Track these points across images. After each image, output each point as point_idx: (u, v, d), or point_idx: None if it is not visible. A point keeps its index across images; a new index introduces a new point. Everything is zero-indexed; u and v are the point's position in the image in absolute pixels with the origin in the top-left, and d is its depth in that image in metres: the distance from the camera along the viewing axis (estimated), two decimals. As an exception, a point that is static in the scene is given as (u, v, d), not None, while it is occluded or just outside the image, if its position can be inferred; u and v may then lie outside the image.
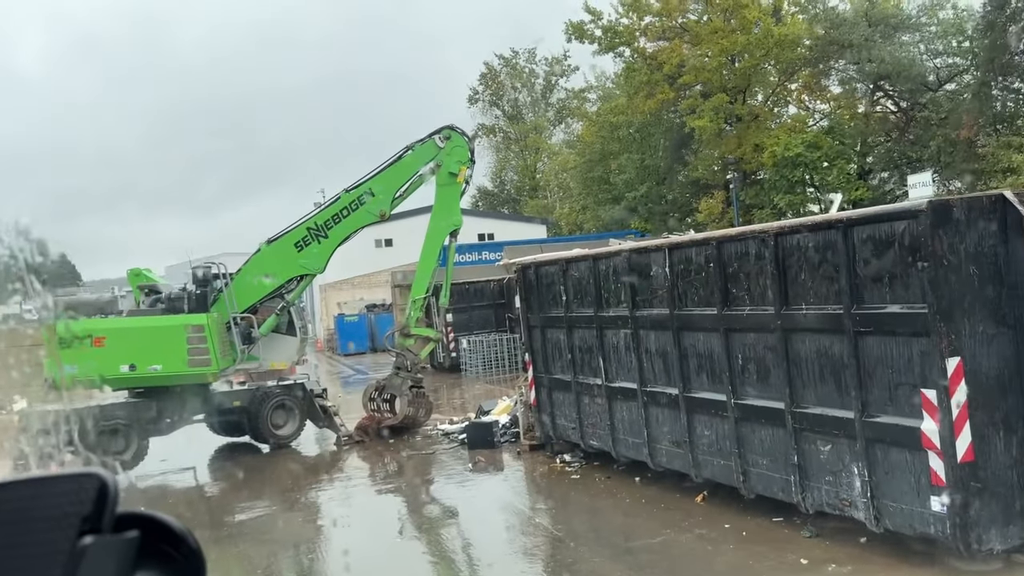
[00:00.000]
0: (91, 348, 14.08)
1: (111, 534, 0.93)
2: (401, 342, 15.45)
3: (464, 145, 15.49)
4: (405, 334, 15.40)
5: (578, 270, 10.95)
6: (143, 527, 0.97)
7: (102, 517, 0.92)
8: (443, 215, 15.56)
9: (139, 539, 0.95)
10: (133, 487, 13.91)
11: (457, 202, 15.76)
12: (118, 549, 0.93)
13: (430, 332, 15.68)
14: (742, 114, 33.50)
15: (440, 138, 15.41)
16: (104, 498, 0.92)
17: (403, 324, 15.47)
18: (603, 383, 10.51)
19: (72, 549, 0.89)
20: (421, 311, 15.59)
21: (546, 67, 64.06)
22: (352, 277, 48.22)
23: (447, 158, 15.25)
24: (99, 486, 0.92)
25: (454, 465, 12.82)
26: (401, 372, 15.25)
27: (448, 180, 15.32)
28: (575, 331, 11.11)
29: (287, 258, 15.33)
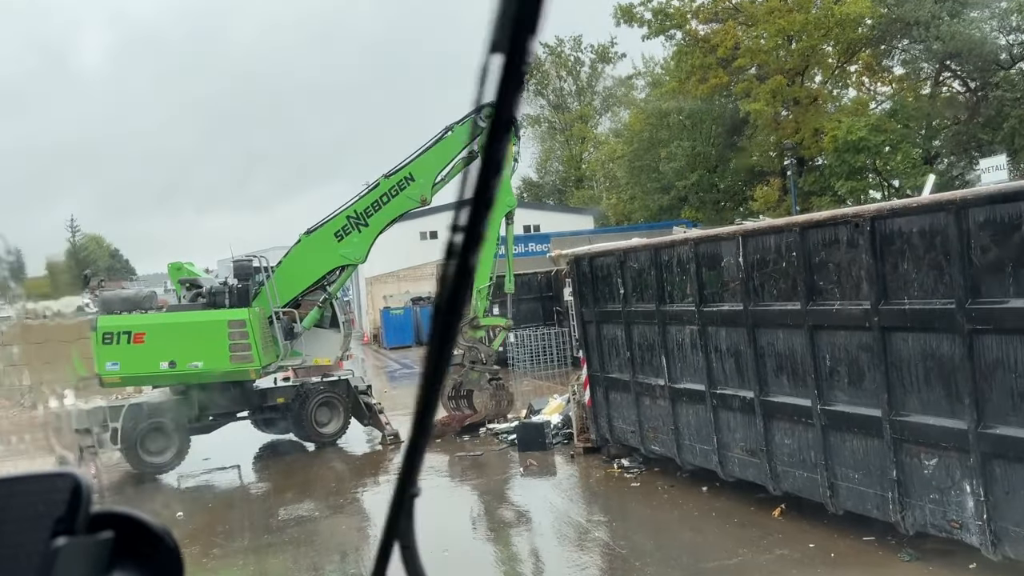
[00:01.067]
0: (131, 345, 13.70)
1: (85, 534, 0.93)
2: (472, 334, 14.73)
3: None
4: (475, 326, 14.68)
5: (637, 261, 10.11)
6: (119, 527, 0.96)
7: (76, 517, 0.92)
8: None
9: (113, 539, 0.95)
10: (174, 487, 13.53)
11: (508, 182, 15.02)
12: (92, 549, 0.94)
13: (500, 320, 14.95)
14: (800, 97, 32.09)
15: (481, 117, 14.65)
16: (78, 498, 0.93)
17: (471, 316, 14.75)
18: (666, 384, 9.67)
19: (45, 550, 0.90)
20: (488, 300, 14.86)
21: (592, 55, 62.93)
22: (398, 270, 47.87)
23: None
24: (73, 486, 0.93)
25: (504, 468, 12.11)
26: (476, 366, 14.56)
27: None
28: (634, 327, 10.28)
29: (327, 249, 14.76)
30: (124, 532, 0.96)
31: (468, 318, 14.75)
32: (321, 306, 14.98)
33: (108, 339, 13.67)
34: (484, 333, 14.85)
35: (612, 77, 62.27)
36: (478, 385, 14.63)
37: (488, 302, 15.01)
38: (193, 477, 14.14)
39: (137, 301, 14.40)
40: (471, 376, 14.60)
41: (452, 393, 14.86)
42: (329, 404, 15.36)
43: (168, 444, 13.90)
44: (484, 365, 14.57)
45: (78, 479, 0.93)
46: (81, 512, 0.91)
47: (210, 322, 13.85)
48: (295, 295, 14.89)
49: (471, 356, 14.72)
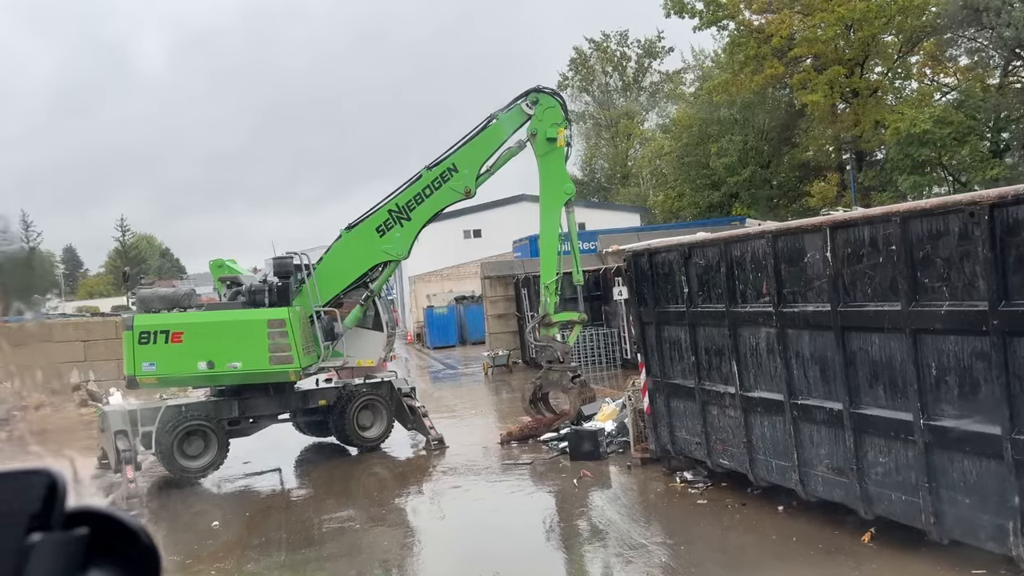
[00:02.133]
0: (168, 344, 13.24)
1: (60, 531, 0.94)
2: (545, 333, 13.95)
3: (556, 105, 13.92)
4: (547, 323, 13.89)
5: (704, 257, 9.26)
6: (95, 524, 0.97)
7: (51, 514, 0.93)
8: (552, 185, 14.01)
9: (89, 536, 0.96)
10: (212, 493, 13.04)
11: (563, 167, 14.20)
12: (67, 546, 0.94)
13: (573, 315, 14.13)
14: (860, 88, 30.72)
15: (527, 103, 13.89)
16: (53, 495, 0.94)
17: (542, 313, 13.97)
18: (737, 392, 8.81)
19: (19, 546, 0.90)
20: (557, 295, 14.07)
21: (639, 50, 61.84)
22: (441, 268, 47.41)
23: (540, 124, 13.73)
24: (48, 483, 0.94)
25: (556, 479, 11.34)
26: (554, 365, 13.78)
27: (548, 147, 13.79)
28: (700, 329, 9.43)
29: (369, 244, 14.14)
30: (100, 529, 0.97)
31: (539, 316, 13.97)
32: (363, 304, 14.37)
33: (145, 338, 13.22)
34: (557, 330, 14.03)
35: (659, 72, 61.13)
36: (561, 386, 13.84)
37: (557, 297, 14.21)
38: (232, 481, 13.66)
39: (175, 299, 13.94)
40: (551, 377, 13.82)
41: (532, 396, 14.09)
42: (371, 407, 14.76)
43: (206, 448, 13.42)
44: (561, 364, 13.76)
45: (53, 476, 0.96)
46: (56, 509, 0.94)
47: (249, 321, 13.33)
48: (336, 293, 14.31)
49: (547, 355, 13.93)
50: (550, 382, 13.91)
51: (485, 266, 28.68)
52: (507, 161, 14.23)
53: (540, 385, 13.97)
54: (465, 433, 15.98)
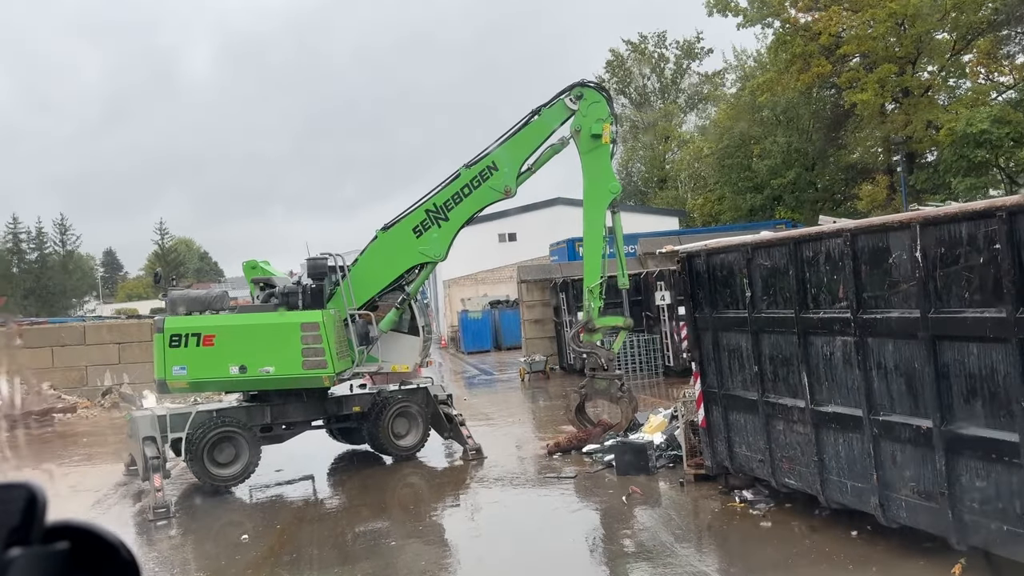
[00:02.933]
0: (200, 347, 12.80)
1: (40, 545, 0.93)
2: (588, 339, 13.26)
3: (602, 100, 13.26)
4: (591, 329, 13.20)
5: (770, 257, 8.53)
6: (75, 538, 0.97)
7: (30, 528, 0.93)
8: (597, 184, 13.34)
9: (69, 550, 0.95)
10: (243, 502, 12.56)
11: (609, 165, 13.53)
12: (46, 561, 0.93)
13: (618, 320, 13.39)
14: (912, 87, 29.57)
15: (571, 99, 13.24)
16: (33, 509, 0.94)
17: (585, 318, 13.28)
18: (807, 406, 8.06)
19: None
20: (601, 300, 13.37)
21: (677, 51, 60.85)
22: (475, 272, 46.94)
23: (585, 120, 13.08)
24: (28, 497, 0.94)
25: (603, 496, 10.65)
26: (599, 373, 13.05)
27: (592, 144, 13.14)
28: (764, 336, 8.70)
29: (405, 245, 13.59)
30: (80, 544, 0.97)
31: (581, 322, 13.29)
32: (399, 308, 13.83)
33: (176, 341, 12.80)
34: (601, 336, 13.32)
35: (698, 74, 60.10)
36: (609, 395, 13.13)
37: (602, 302, 13.52)
38: (264, 489, 13.18)
39: (207, 301, 13.50)
40: (597, 386, 13.11)
41: (578, 407, 13.41)
42: (407, 414, 14.21)
43: (237, 455, 12.95)
44: (606, 371, 13.05)
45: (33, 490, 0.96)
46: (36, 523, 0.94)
47: (282, 324, 12.85)
48: (372, 296, 13.79)
49: (591, 363, 13.21)
50: (596, 391, 13.22)
51: (522, 270, 28.07)
52: (549, 159, 13.62)
53: (586, 395, 13.28)
54: (503, 442, 15.36)
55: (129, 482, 13.96)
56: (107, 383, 26.64)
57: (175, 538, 10.72)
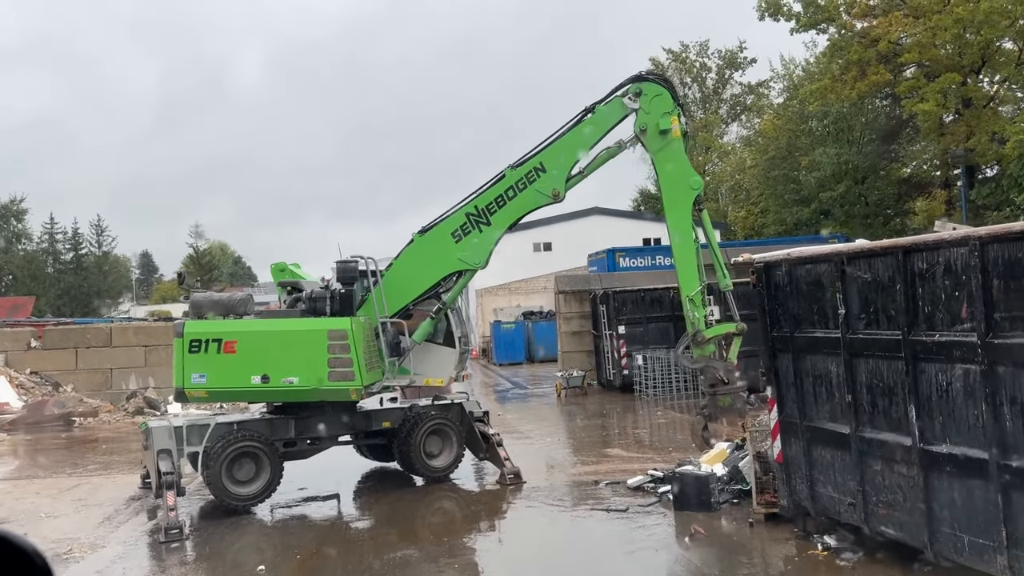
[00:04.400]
0: (220, 354, 11.86)
1: None
2: (700, 353, 12.06)
3: (664, 92, 12.11)
4: (700, 342, 11.95)
5: (871, 270, 7.34)
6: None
7: None
8: (676, 183, 12.17)
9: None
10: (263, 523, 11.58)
11: (686, 160, 12.33)
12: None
13: (730, 327, 12.03)
14: (975, 97, 28.02)
15: (629, 97, 12.12)
16: None
17: (692, 331, 12.04)
18: (916, 444, 6.85)
19: None
20: (706, 307, 12.10)
21: (719, 60, 59.50)
22: (509, 282, 45.89)
23: (649, 116, 11.96)
24: None
25: (661, 535, 9.47)
26: (719, 388, 11.85)
27: (663, 140, 12.01)
28: (861, 361, 7.51)
29: (443, 251, 12.56)
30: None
31: (688, 335, 12.03)
32: (434, 317, 12.80)
33: (195, 347, 11.88)
34: (715, 347, 12.09)
35: (740, 84, 58.70)
36: (737, 411, 11.85)
37: (707, 308, 12.28)
38: (285, 509, 12.21)
39: (231, 305, 12.57)
40: (722, 403, 11.84)
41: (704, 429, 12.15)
42: (440, 432, 13.14)
43: (257, 472, 11.98)
44: (727, 385, 11.80)
45: None
46: None
47: (307, 332, 11.87)
48: (406, 304, 12.77)
49: (708, 379, 11.95)
50: (721, 409, 11.90)
51: (560, 280, 26.95)
52: (604, 163, 12.52)
53: (710, 415, 11.99)
54: (541, 465, 14.23)
55: (144, 496, 13.06)
56: (132, 387, 25.98)
57: (187, 563, 9.75)
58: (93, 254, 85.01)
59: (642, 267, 29.62)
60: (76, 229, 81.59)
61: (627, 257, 30.14)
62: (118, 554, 10.19)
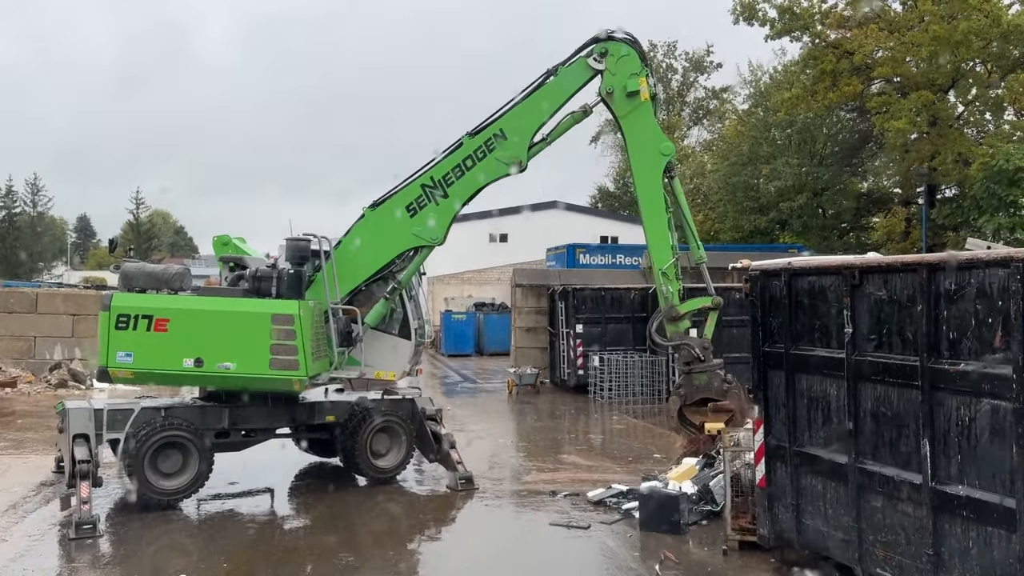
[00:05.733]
0: (150, 332, 10.71)
1: None
2: (674, 329, 11.28)
3: (632, 52, 11.36)
4: (674, 317, 11.19)
5: (886, 287, 6.64)
6: None
7: None
8: (646, 149, 11.48)
9: None
10: (188, 521, 10.49)
11: (655, 124, 11.62)
12: None
13: (705, 300, 11.27)
14: (944, 117, 27.99)
15: (594, 57, 11.35)
16: None
17: (666, 306, 11.24)
18: (926, 483, 6.19)
19: None
20: (679, 281, 11.33)
21: (685, 62, 59.32)
22: (462, 272, 44.93)
23: (615, 78, 11.23)
24: None
25: (626, 558, 8.69)
26: (694, 366, 11.09)
27: (630, 104, 11.30)
28: (867, 386, 6.82)
29: (397, 226, 11.62)
30: None
31: (662, 311, 11.24)
32: (388, 298, 11.85)
33: (123, 323, 10.70)
34: (689, 324, 11.30)
35: (705, 88, 58.61)
36: (715, 389, 11.06)
37: (680, 284, 11.53)
38: (214, 502, 11.16)
39: (165, 278, 11.39)
40: (698, 381, 11.06)
41: (680, 411, 11.33)
42: (389, 430, 12.20)
43: (185, 464, 10.88)
44: (703, 362, 11.03)
45: None
46: None
47: (249, 314, 10.79)
48: (357, 284, 11.77)
49: (684, 357, 11.17)
50: (698, 388, 11.14)
51: (518, 273, 26.10)
52: (568, 129, 11.69)
53: (686, 395, 11.22)
54: (495, 469, 13.41)
55: (57, 482, 11.85)
56: (56, 357, 24.38)
57: (99, 566, 8.64)
58: (27, 214, 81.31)
59: (602, 265, 29.00)
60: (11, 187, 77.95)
61: (587, 254, 29.49)
62: (19, 551, 9.04)
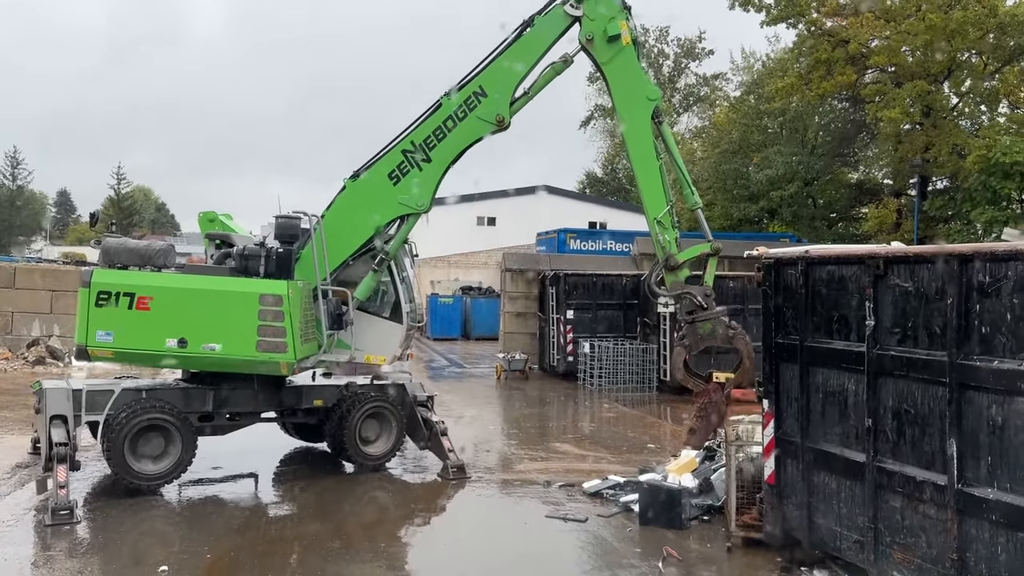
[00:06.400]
0: (132, 311, 10.27)
1: None
2: (674, 279, 10.89)
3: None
4: (672, 267, 10.84)
5: (914, 277, 6.33)
6: None
7: None
8: (631, 95, 11.16)
9: None
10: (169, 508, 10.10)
11: (639, 69, 11.32)
12: None
13: (703, 247, 10.94)
14: (939, 108, 27.78)
15: (571, 3, 11.02)
16: None
17: (663, 256, 10.96)
18: (951, 484, 5.91)
19: None
20: (675, 229, 10.98)
21: (677, 48, 58.84)
22: (449, 255, 44.43)
23: (594, 23, 10.95)
24: None
25: (628, 555, 8.39)
26: (697, 315, 10.71)
27: (612, 49, 10.99)
28: (888, 381, 6.52)
29: (380, 195, 11.25)
30: None
31: (659, 262, 10.88)
32: (377, 270, 11.48)
33: (104, 300, 10.26)
34: (689, 272, 10.95)
35: (696, 74, 58.21)
36: (719, 335, 10.72)
37: (676, 231, 11.20)
38: (197, 487, 10.78)
39: (149, 255, 10.94)
40: (702, 330, 10.70)
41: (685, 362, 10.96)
42: (379, 416, 11.84)
43: (167, 448, 10.47)
44: (704, 310, 10.69)
45: None
46: None
47: (236, 293, 10.37)
48: (344, 259, 11.40)
49: (686, 307, 10.81)
50: (702, 337, 10.78)
51: (508, 257, 25.72)
52: (549, 81, 11.33)
53: (690, 345, 10.86)
54: (486, 457, 13.12)
55: (34, 464, 11.45)
56: (35, 334, 23.80)
57: (76, 554, 8.23)
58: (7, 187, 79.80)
59: (593, 251, 28.69)
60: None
61: (578, 239, 29.15)
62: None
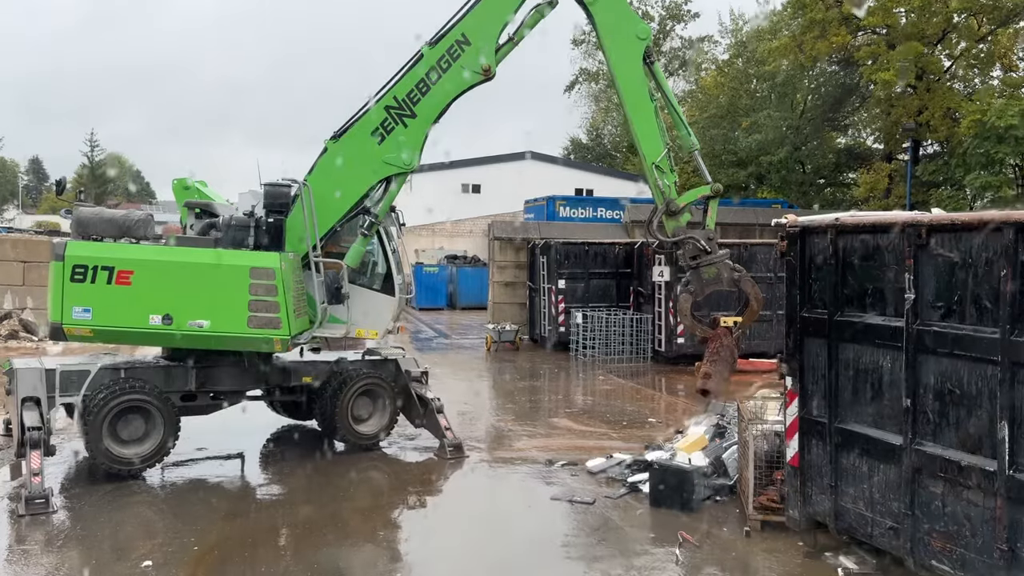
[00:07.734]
0: (111, 286, 9.65)
1: None
2: (676, 224, 10.40)
3: None
4: (672, 212, 10.34)
5: (959, 247, 5.88)
6: None
7: None
8: (620, 33, 10.56)
9: None
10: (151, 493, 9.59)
11: (627, 7, 10.85)
12: None
13: (704, 189, 10.43)
14: (933, 71, 27.32)
15: None
16: None
17: (664, 202, 10.39)
18: (1002, 471, 5.52)
19: None
20: (674, 172, 10.47)
21: (661, 10, 57.79)
22: (433, 223, 43.69)
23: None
24: None
25: (639, 539, 8.01)
26: (702, 259, 10.27)
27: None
28: (930, 359, 6.10)
29: (365, 155, 10.62)
30: None
31: (659, 207, 10.38)
32: (367, 235, 10.92)
33: (80, 275, 9.63)
34: (689, 216, 10.49)
35: (681, 38, 57.26)
36: (723, 280, 10.29)
37: (675, 176, 10.68)
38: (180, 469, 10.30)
39: (127, 226, 10.30)
40: (707, 275, 10.27)
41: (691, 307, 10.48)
42: (372, 393, 11.34)
43: (148, 430, 9.93)
44: (708, 254, 10.27)
45: None
46: None
47: (226, 267, 9.78)
48: (331, 226, 10.82)
49: (689, 252, 10.35)
50: (708, 281, 10.33)
51: (496, 225, 25.14)
52: (535, 25, 10.74)
53: (695, 290, 10.42)
54: (483, 434, 12.69)
55: (6, 447, 10.87)
56: (7, 307, 23.00)
57: (52, 547, 7.72)
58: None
59: (582, 218, 28.17)
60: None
61: (567, 206, 28.59)
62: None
